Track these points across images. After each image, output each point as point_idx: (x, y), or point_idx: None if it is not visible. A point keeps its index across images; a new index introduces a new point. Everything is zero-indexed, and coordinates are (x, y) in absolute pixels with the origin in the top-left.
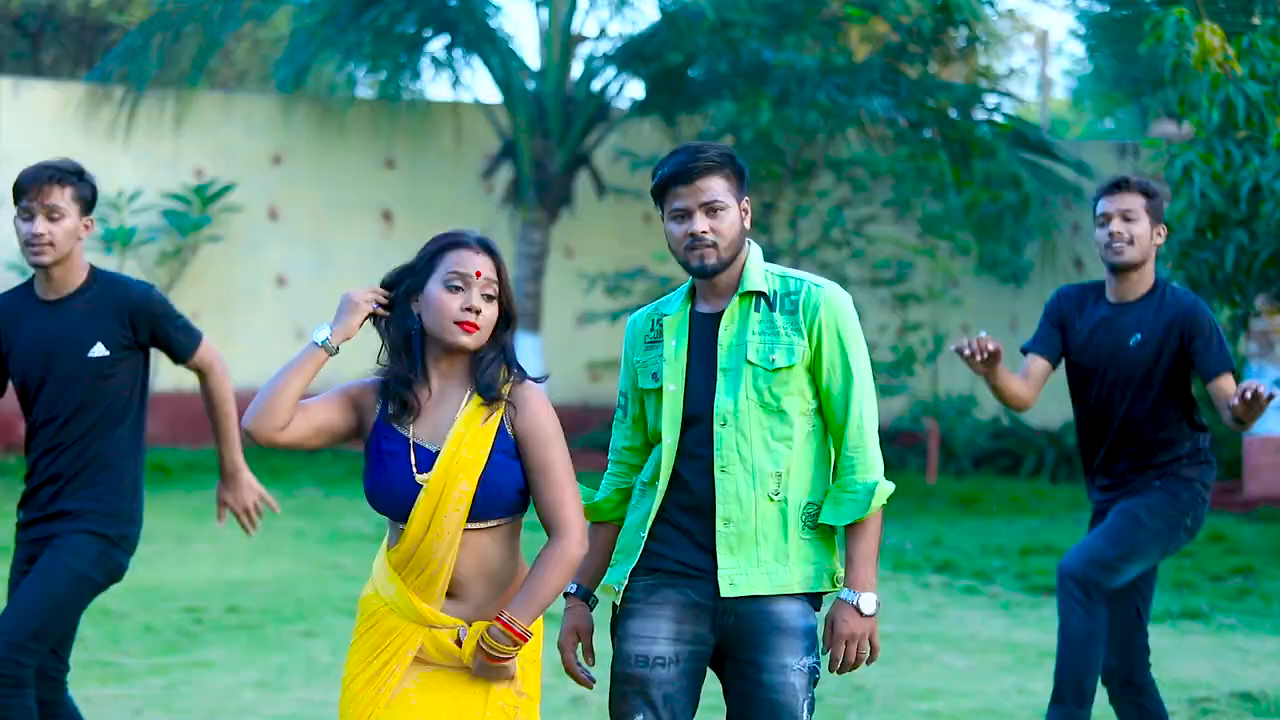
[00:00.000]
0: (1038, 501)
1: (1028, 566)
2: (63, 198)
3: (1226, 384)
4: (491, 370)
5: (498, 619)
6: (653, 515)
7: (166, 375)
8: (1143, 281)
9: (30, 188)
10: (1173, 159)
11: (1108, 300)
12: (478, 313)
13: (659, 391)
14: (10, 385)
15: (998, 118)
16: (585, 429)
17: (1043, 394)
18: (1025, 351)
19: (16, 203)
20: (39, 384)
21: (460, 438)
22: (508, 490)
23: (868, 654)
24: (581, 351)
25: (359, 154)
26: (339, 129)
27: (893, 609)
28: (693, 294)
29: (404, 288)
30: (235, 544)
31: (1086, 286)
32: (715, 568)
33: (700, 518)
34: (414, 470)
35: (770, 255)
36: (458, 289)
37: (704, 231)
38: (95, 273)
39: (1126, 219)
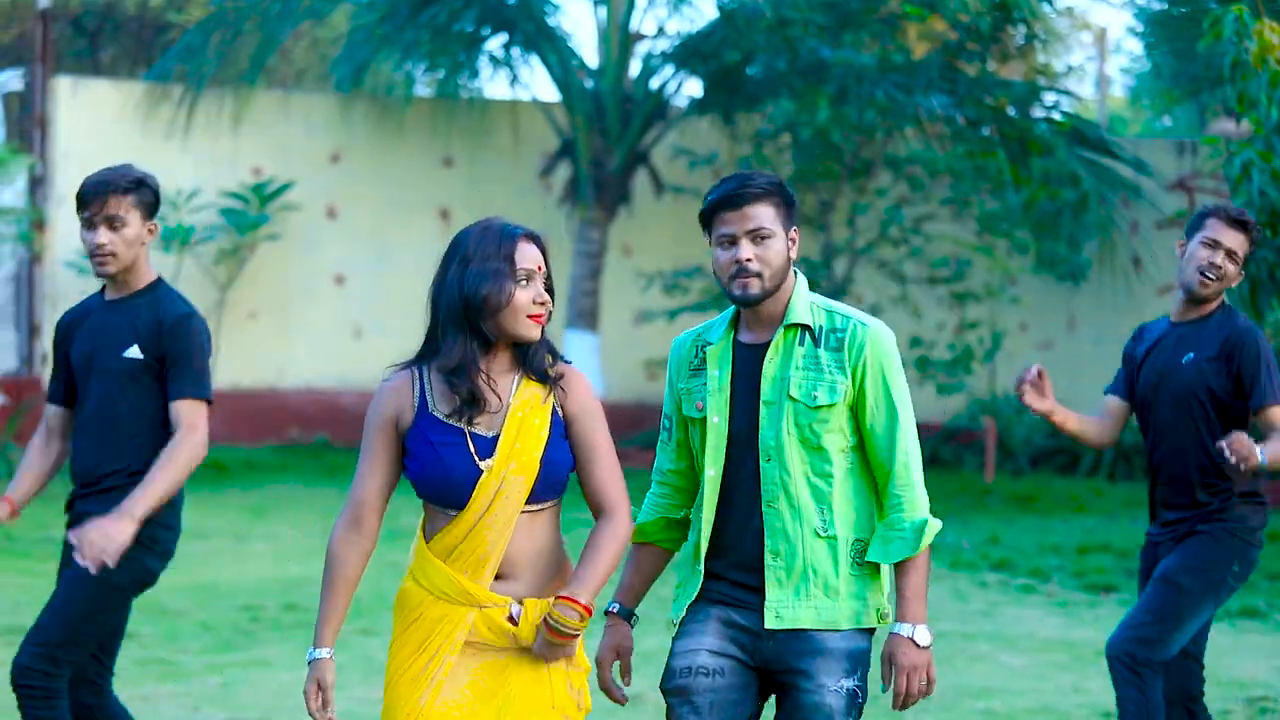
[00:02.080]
0: (1095, 500)
1: (1085, 565)
2: (124, 207)
3: (1274, 416)
4: (541, 354)
5: (560, 596)
6: (704, 548)
7: (224, 374)
8: (1210, 305)
9: (92, 199)
10: (1231, 157)
11: (1169, 320)
12: (544, 304)
13: (703, 421)
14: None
15: (1056, 115)
16: (642, 427)
17: (1100, 390)
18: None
19: (79, 212)
20: (84, 380)
21: (517, 422)
22: (562, 471)
23: (926, 685)
24: (639, 350)
25: (417, 152)
26: (397, 127)
27: (950, 607)
28: (736, 321)
29: (467, 282)
30: (293, 542)
31: (1159, 320)
32: (759, 600)
33: (743, 551)
34: (474, 457)
35: (828, 253)
36: (527, 283)
37: (749, 260)
38: (159, 283)
39: (1231, 258)
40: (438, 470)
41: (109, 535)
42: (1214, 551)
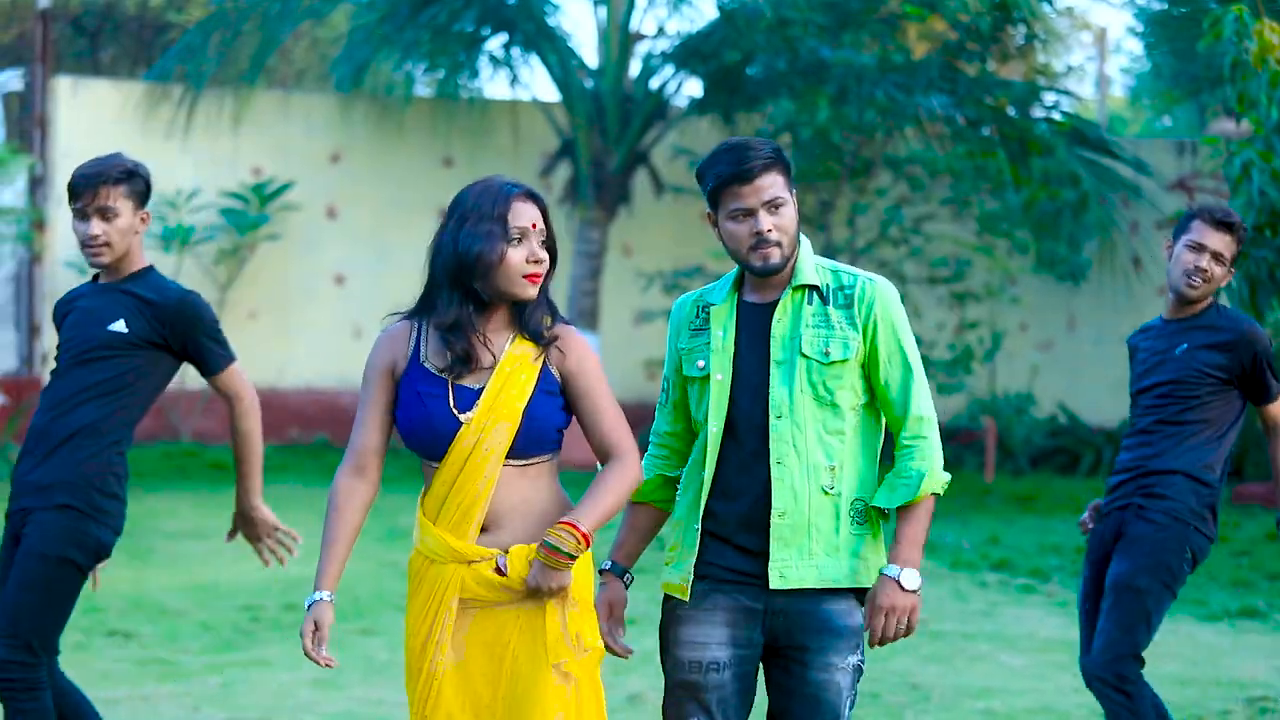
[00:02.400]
0: (1095, 500)
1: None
2: (114, 197)
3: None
4: (538, 314)
5: (560, 521)
6: (702, 506)
7: None
8: (1202, 304)
9: (83, 190)
10: (1231, 157)
11: (1163, 318)
12: (540, 263)
13: (704, 380)
14: None
15: (1056, 115)
16: (642, 427)
17: (1100, 390)
18: None
19: (72, 203)
20: (63, 354)
21: (503, 376)
22: (549, 428)
23: (905, 629)
24: (639, 350)
25: (417, 152)
26: (397, 127)
27: (950, 607)
28: (739, 283)
29: (460, 241)
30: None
31: (1153, 321)
32: (761, 570)
33: (746, 510)
34: (453, 409)
35: (828, 253)
36: (519, 241)
37: (769, 230)
38: (150, 270)
39: (1217, 259)
40: (420, 421)
41: (264, 525)
42: (1162, 544)
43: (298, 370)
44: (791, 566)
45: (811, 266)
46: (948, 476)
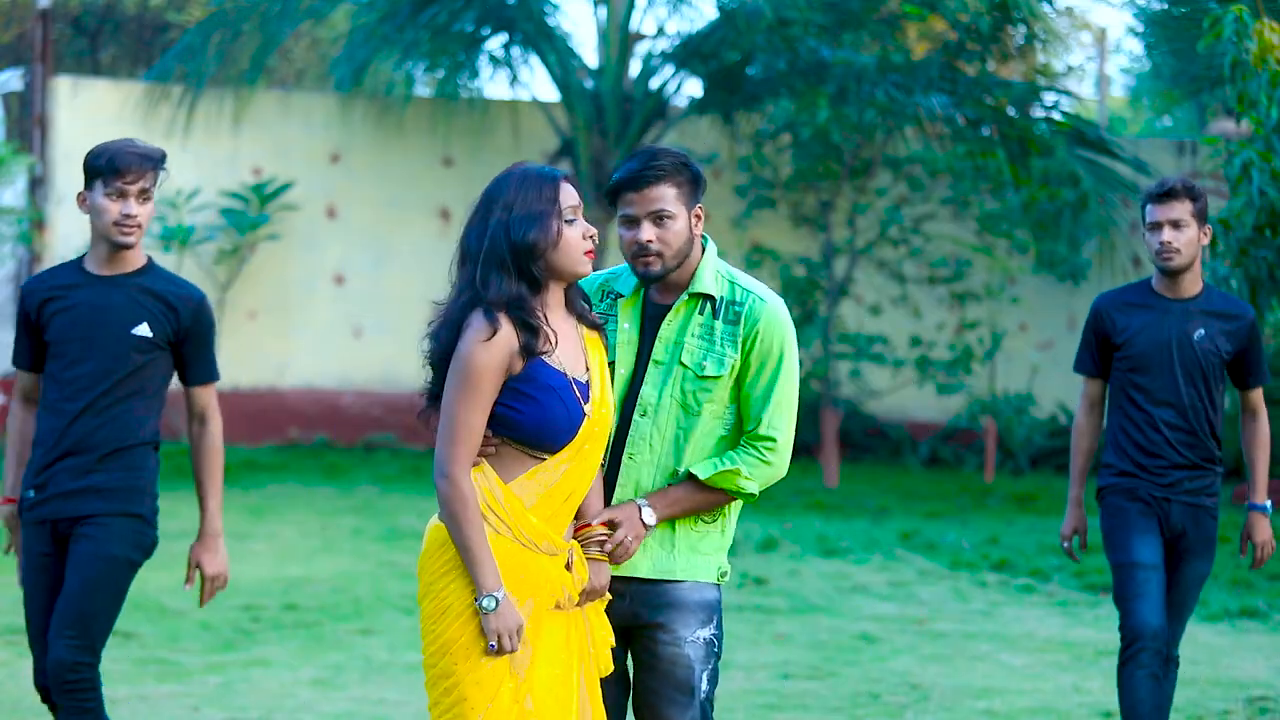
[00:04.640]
0: (1095, 500)
1: (1085, 565)
2: (153, 181)
3: (1258, 397)
4: (578, 299)
5: (587, 526)
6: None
7: (224, 374)
8: (1195, 281)
9: (129, 171)
10: (1231, 157)
11: (1161, 295)
12: (595, 239)
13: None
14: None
15: (1056, 115)
16: None
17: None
18: (1078, 372)
19: (104, 180)
20: (79, 352)
21: (598, 365)
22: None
23: (623, 548)
24: None
25: (417, 152)
26: (397, 127)
27: (950, 607)
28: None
29: (514, 227)
30: (293, 542)
31: (1124, 289)
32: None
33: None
34: (579, 400)
35: (828, 253)
36: (573, 222)
37: (649, 240)
38: (152, 261)
39: (1176, 226)
40: (561, 414)
41: (222, 562)
42: (1212, 544)
43: (298, 370)
44: None
45: (711, 276)
46: (753, 490)
